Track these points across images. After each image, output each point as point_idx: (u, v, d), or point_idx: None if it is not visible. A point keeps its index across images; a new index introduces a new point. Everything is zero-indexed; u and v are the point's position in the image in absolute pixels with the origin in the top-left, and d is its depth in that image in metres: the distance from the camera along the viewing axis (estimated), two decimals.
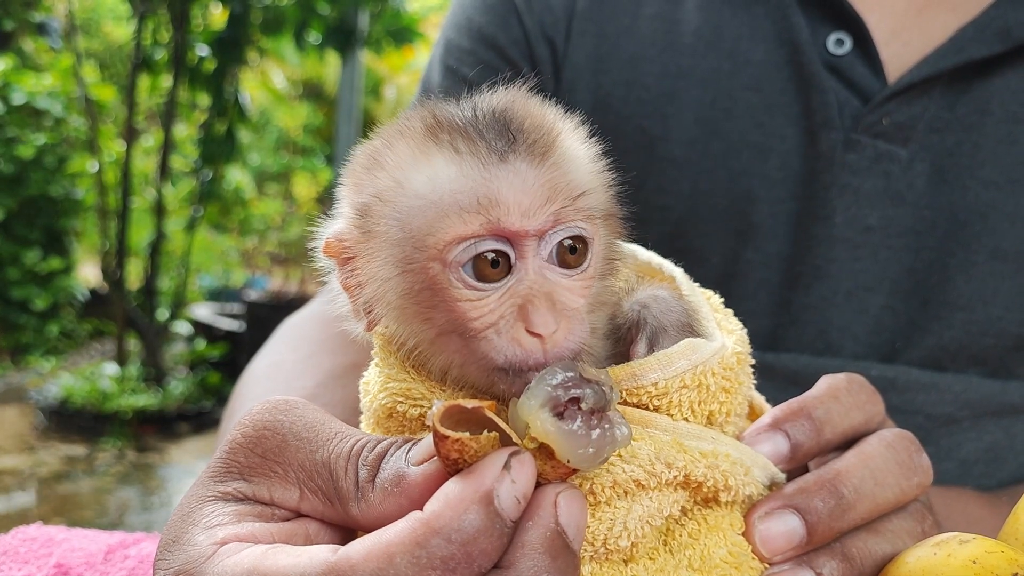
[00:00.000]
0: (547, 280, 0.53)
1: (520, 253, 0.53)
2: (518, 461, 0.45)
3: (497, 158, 0.53)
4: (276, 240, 9.15)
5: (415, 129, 0.55)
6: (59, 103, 7.00)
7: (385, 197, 0.55)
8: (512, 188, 0.52)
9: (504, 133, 0.54)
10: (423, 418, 0.57)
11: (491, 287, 0.53)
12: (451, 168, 0.53)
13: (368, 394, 0.62)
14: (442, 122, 0.55)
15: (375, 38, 6.12)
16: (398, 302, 0.55)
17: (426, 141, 0.54)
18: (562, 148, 0.55)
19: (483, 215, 0.52)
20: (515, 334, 0.52)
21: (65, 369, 6.60)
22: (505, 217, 0.52)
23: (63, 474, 4.71)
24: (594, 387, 0.47)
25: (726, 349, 0.59)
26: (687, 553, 0.56)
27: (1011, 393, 0.96)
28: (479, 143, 0.53)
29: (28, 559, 0.80)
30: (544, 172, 0.53)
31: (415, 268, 0.54)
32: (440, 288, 0.53)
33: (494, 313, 0.53)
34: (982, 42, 0.93)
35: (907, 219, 0.96)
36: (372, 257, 0.56)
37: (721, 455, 0.56)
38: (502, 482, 0.44)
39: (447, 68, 1.13)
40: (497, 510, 0.44)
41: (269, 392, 1.00)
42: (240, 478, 0.52)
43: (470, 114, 0.55)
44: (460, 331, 0.54)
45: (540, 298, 0.52)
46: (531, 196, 0.52)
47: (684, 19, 1.04)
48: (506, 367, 0.53)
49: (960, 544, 0.52)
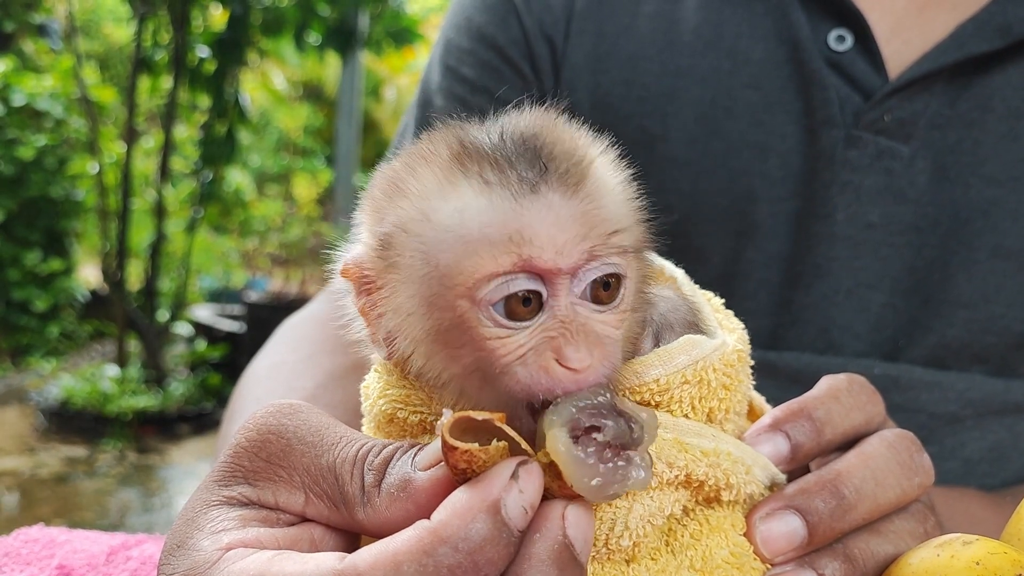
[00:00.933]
0: (579, 315, 0.51)
1: (552, 291, 0.50)
2: (526, 471, 0.45)
3: (528, 189, 0.50)
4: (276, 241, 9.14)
5: (440, 155, 0.52)
6: (59, 104, 7.01)
7: (409, 228, 0.52)
8: (545, 223, 0.49)
9: (535, 162, 0.51)
10: (424, 424, 0.57)
11: (522, 325, 0.50)
12: (480, 200, 0.50)
13: (368, 399, 0.62)
14: (469, 149, 0.52)
15: (375, 39, 6.12)
16: (422, 338, 0.53)
17: (452, 169, 0.52)
18: (595, 177, 0.53)
19: (515, 252, 0.49)
20: (544, 363, 0.50)
21: (66, 370, 6.60)
22: (538, 255, 0.49)
23: (63, 475, 4.71)
24: (621, 422, 0.46)
25: (727, 346, 0.59)
26: (689, 554, 0.56)
27: (1015, 392, 0.96)
28: (509, 173, 0.50)
29: (30, 560, 0.80)
30: (578, 205, 0.51)
31: (442, 305, 0.51)
32: (468, 326, 0.51)
33: (523, 348, 0.50)
34: (983, 38, 0.93)
35: (909, 216, 0.96)
36: (395, 290, 0.53)
37: (722, 453, 0.56)
38: (510, 492, 0.44)
39: (446, 68, 1.13)
40: (504, 519, 0.44)
41: (269, 393, 1.00)
42: (245, 482, 0.52)
43: (498, 139, 0.52)
44: (486, 368, 0.51)
45: (573, 332, 0.50)
46: (565, 232, 0.50)
47: (683, 17, 1.04)
48: (531, 398, 0.50)
49: (963, 545, 0.52)
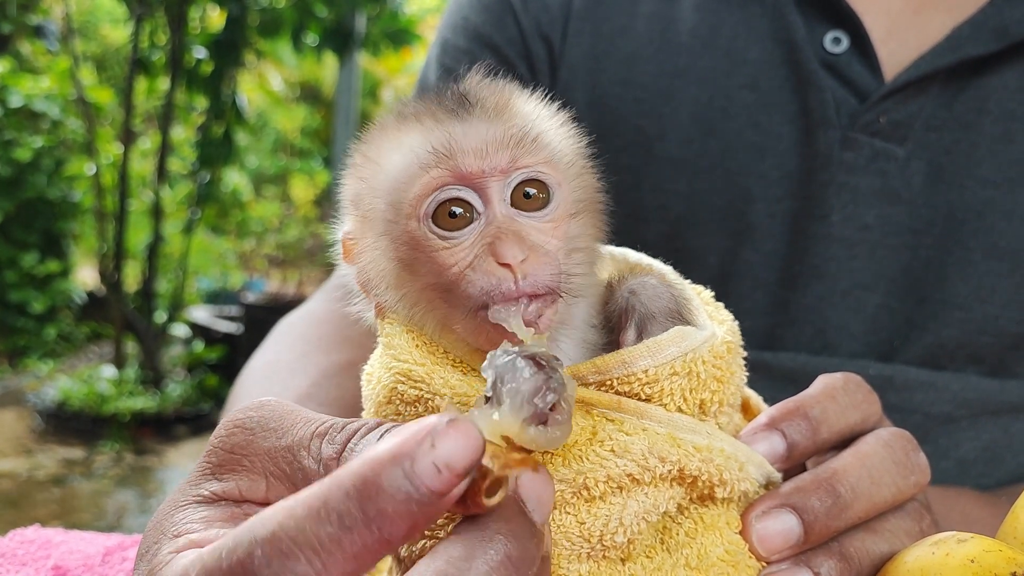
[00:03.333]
0: (514, 220, 0.56)
1: (485, 198, 0.56)
2: (450, 428, 0.41)
3: (454, 117, 0.57)
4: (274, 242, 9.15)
5: (389, 118, 0.61)
6: (56, 106, 7.00)
7: (368, 180, 0.59)
8: (467, 136, 0.56)
9: (462, 100, 0.58)
10: (419, 401, 0.57)
11: (461, 234, 0.55)
12: (413, 135, 0.57)
13: (370, 382, 0.62)
14: (409, 105, 0.60)
15: (373, 40, 6.12)
16: (391, 274, 0.58)
17: (397, 124, 0.59)
18: (519, 107, 0.59)
19: (442, 163, 0.55)
20: (487, 266, 0.54)
21: (63, 372, 6.60)
22: (462, 160, 0.55)
23: (61, 477, 4.71)
24: (555, 375, 0.48)
25: (716, 337, 0.59)
26: (684, 552, 0.56)
27: (1009, 392, 0.96)
28: (436, 108, 0.58)
29: (26, 561, 0.80)
30: (500, 123, 0.57)
31: (397, 235, 0.57)
32: (420, 245, 0.56)
33: (468, 255, 0.55)
34: (979, 40, 0.93)
35: (904, 217, 0.96)
36: (366, 239, 0.59)
37: (715, 449, 0.56)
38: (420, 446, 0.40)
39: (443, 68, 1.13)
40: (406, 471, 0.40)
41: (265, 392, 1.00)
42: (212, 477, 0.52)
43: (435, 96, 0.60)
44: (443, 283, 0.56)
45: (506, 232, 0.54)
46: (486, 140, 0.56)
47: (680, 18, 1.04)
48: (483, 299, 0.54)
49: (958, 543, 0.52)
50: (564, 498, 0.53)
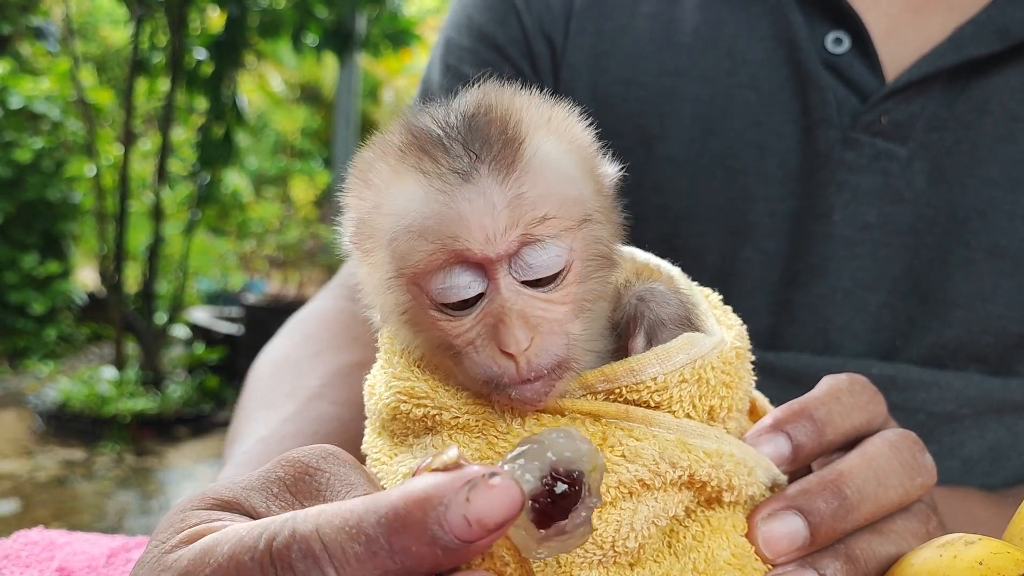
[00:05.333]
0: (519, 297, 0.53)
1: (490, 274, 0.52)
2: (486, 484, 0.41)
3: (460, 179, 0.52)
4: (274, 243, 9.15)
5: (392, 146, 0.55)
6: (57, 107, 7.01)
7: (371, 218, 0.56)
8: (474, 214, 0.51)
9: (469, 148, 0.52)
10: (427, 419, 0.57)
11: (464, 313, 0.53)
12: (419, 192, 0.53)
13: (373, 396, 0.62)
14: (413, 139, 0.54)
15: (373, 41, 6.13)
16: (394, 314, 0.57)
17: (400, 160, 0.54)
18: (532, 156, 0.53)
19: (448, 246, 0.51)
20: (490, 352, 0.53)
21: (63, 373, 6.60)
22: (467, 247, 0.51)
23: (61, 478, 4.71)
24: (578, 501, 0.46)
25: (725, 343, 0.59)
26: (692, 556, 0.56)
27: (1013, 390, 0.96)
28: (442, 163, 0.52)
29: (30, 563, 0.80)
30: (508, 191, 0.51)
31: (400, 288, 0.55)
32: (422, 308, 0.55)
33: (471, 332, 0.53)
34: (981, 40, 0.93)
35: (906, 217, 0.96)
36: (371, 268, 0.58)
37: (725, 455, 0.56)
38: (457, 494, 0.41)
39: (447, 67, 1.13)
40: (438, 518, 0.41)
41: (276, 391, 1.00)
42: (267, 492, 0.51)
43: (441, 124, 0.54)
44: (446, 347, 0.55)
45: (510, 316, 0.52)
46: (494, 221, 0.51)
47: (682, 18, 1.04)
48: (489, 383, 0.53)
49: (966, 545, 0.52)
50: None
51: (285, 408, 0.95)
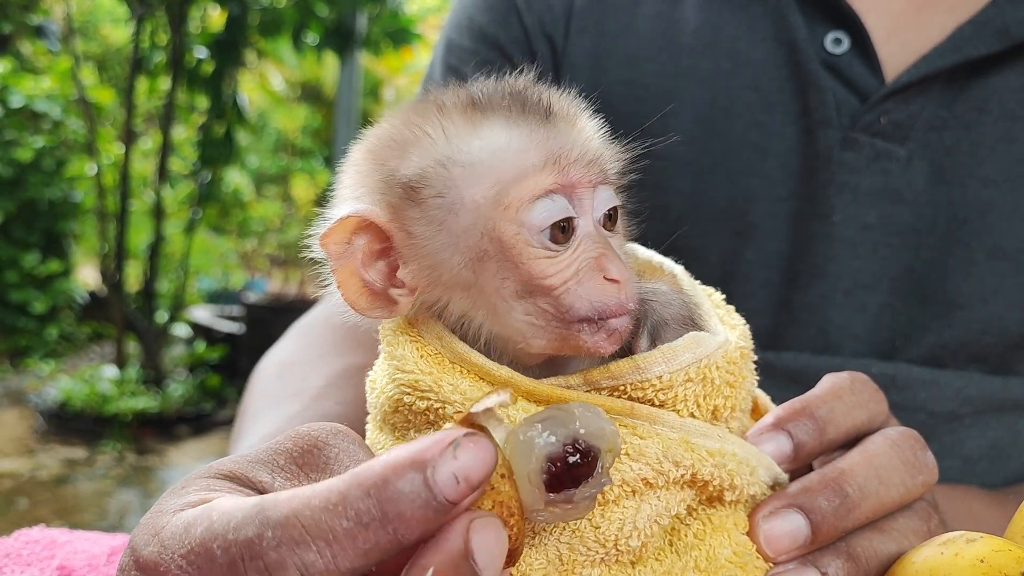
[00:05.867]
0: (606, 236, 0.58)
1: (581, 211, 0.57)
2: (468, 441, 0.42)
3: (545, 119, 0.58)
4: (275, 242, 9.15)
5: (451, 105, 0.58)
6: (57, 106, 7.01)
7: (441, 170, 0.56)
8: (569, 141, 0.57)
9: (540, 101, 0.59)
10: (429, 413, 0.57)
11: (563, 247, 0.56)
12: (509, 132, 0.57)
13: (374, 391, 0.62)
14: (478, 97, 0.59)
15: (373, 39, 6.12)
16: (460, 277, 0.57)
17: (469, 113, 0.58)
18: (583, 113, 0.62)
19: (553, 169, 0.56)
20: (595, 282, 0.55)
21: (64, 372, 6.60)
22: (571, 169, 0.56)
23: (63, 477, 4.71)
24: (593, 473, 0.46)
25: (729, 343, 0.59)
26: (693, 554, 0.56)
27: (1013, 389, 0.96)
28: (526, 109, 0.58)
29: (31, 561, 0.80)
30: (584, 131, 0.59)
31: (482, 236, 0.55)
32: (513, 252, 0.55)
33: (570, 268, 0.55)
34: (981, 41, 0.93)
35: (906, 217, 0.96)
36: (423, 234, 0.57)
37: (728, 454, 0.56)
38: (442, 454, 0.42)
39: (448, 68, 1.13)
40: (427, 479, 0.41)
41: (281, 391, 1.01)
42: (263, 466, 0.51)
43: (495, 90, 0.60)
44: (537, 291, 0.55)
45: (608, 249, 0.57)
46: (585, 147, 0.58)
47: (683, 19, 1.04)
48: (591, 316, 0.55)
49: (967, 543, 0.52)
50: None
51: (290, 407, 0.95)
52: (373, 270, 0.59)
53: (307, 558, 0.41)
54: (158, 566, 0.44)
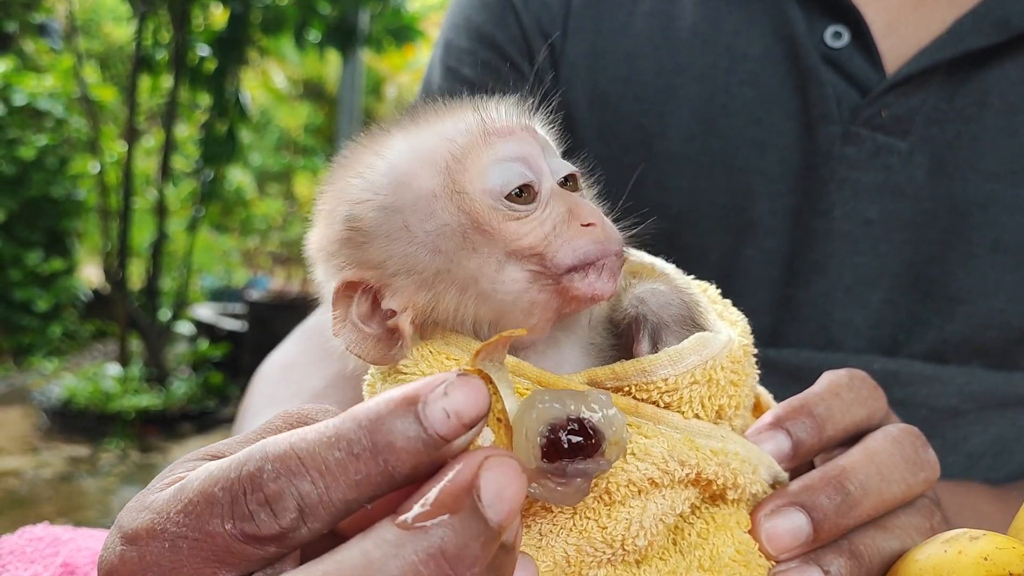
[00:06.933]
0: (571, 193, 0.59)
1: (539, 172, 0.58)
2: (462, 380, 0.42)
3: (456, 109, 0.59)
4: (278, 240, 9.16)
5: (352, 149, 0.61)
6: (60, 104, 7.02)
7: (368, 190, 0.58)
8: (490, 110, 0.59)
9: (442, 105, 0.61)
10: None
11: (530, 207, 0.57)
12: (429, 127, 0.59)
13: (372, 392, 0.61)
14: (415, 109, 0.61)
15: (376, 37, 6.11)
16: (443, 270, 0.56)
17: (374, 140, 0.60)
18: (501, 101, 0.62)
19: (490, 130, 0.57)
20: (573, 230, 0.56)
21: (68, 370, 6.62)
22: (506, 125, 0.58)
23: (66, 475, 4.72)
24: (594, 455, 0.46)
25: (733, 342, 0.59)
26: (697, 553, 0.56)
27: (1016, 384, 0.96)
28: (430, 112, 0.60)
29: (35, 558, 0.80)
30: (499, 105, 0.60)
31: (445, 218, 0.56)
32: (481, 219, 0.56)
33: (544, 225, 0.56)
34: (981, 32, 0.93)
35: (907, 212, 0.96)
36: (395, 249, 0.56)
37: (731, 453, 0.56)
38: (433, 391, 0.42)
39: (447, 69, 1.13)
40: (418, 413, 0.42)
41: (281, 391, 1.01)
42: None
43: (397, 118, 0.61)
44: (520, 255, 0.56)
45: (578, 199, 0.58)
46: (509, 113, 0.60)
47: (680, 15, 1.04)
48: (578, 263, 0.56)
49: (970, 541, 0.52)
50: (586, 503, 0.53)
51: (290, 406, 0.96)
52: (372, 323, 0.58)
53: (303, 488, 0.41)
54: (151, 531, 0.44)
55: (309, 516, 0.42)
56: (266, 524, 0.41)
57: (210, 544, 0.42)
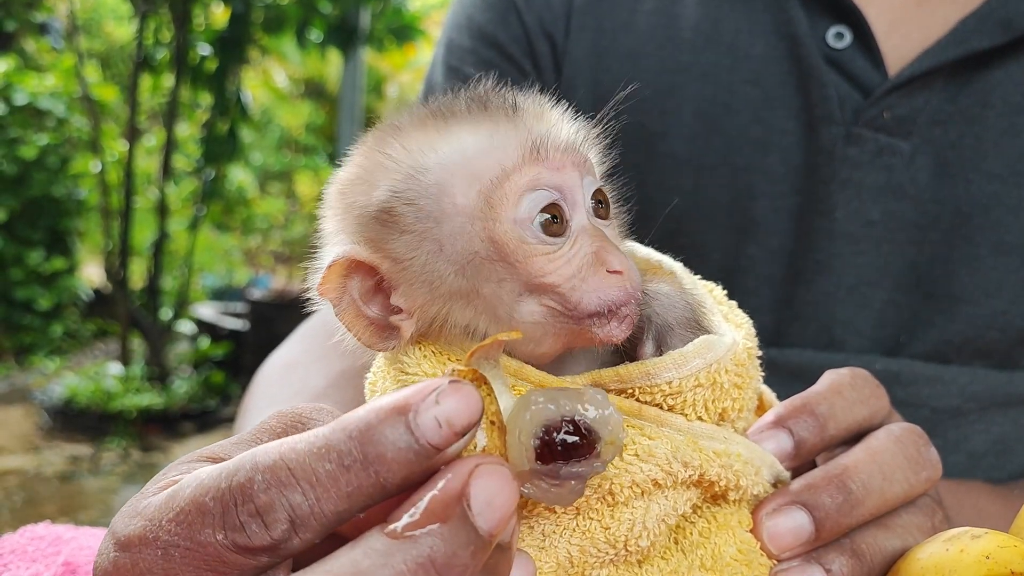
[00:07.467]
0: (600, 228, 0.56)
1: (571, 202, 0.55)
2: (454, 388, 0.42)
3: (512, 114, 0.56)
4: (279, 239, 9.16)
5: (410, 122, 0.57)
6: (61, 103, 7.02)
7: (412, 185, 0.54)
8: (542, 130, 0.55)
9: (502, 99, 0.57)
10: None
11: (558, 241, 0.54)
12: (478, 132, 0.55)
13: (374, 392, 0.61)
14: (436, 108, 0.57)
15: (377, 36, 6.12)
16: (456, 287, 0.54)
17: (431, 124, 0.56)
18: (551, 108, 0.59)
19: (533, 159, 0.54)
20: (599, 276, 0.54)
21: (69, 369, 6.62)
22: (552, 155, 0.55)
23: (68, 474, 4.72)
24: (586, 458, 0.46)
25: (737, 345, 0.59)
26: (699, 552, 0.56)
27: (1017, 384, 0.96)
28: (490, 107, 0.56)
29: (36, 558, 0.80)
30: (553, 120, 0.57)
31: (473, 240, 0.53)
32: (507, 248, 0.53)
33: (571, 264, 0.54)
34: (983, 33, 0.92)
35: (909, 213, 0.96)
36: (410, 253, 0.54)
37: (734, 455, 0.56)
38: (425, 400, 0.42)
39: (449, 68, 1.13)
40: (409, 422, 0.41)
41: (282, 390, 1.02)
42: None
43: (456, 97, 0.58)
44: (536, 289, 0.54)
45: (606, 240, 0.55)
46: (559, 135, 0.56)
47: (683, 14, 1.03)
48: (600, 310, 0.54)
49: (972, 539, 0.52)
50: (589, 503, 0.53)
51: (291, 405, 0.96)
52: (372, 305, 0.57)
53: (294, 499, 0.41)
54: (143, 539, 0.43)
55: (300, 527, 0.41)
56: (257, 535, 0.41)
57: (202, 553, 0.42)
